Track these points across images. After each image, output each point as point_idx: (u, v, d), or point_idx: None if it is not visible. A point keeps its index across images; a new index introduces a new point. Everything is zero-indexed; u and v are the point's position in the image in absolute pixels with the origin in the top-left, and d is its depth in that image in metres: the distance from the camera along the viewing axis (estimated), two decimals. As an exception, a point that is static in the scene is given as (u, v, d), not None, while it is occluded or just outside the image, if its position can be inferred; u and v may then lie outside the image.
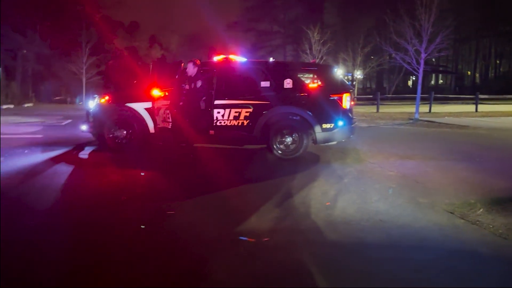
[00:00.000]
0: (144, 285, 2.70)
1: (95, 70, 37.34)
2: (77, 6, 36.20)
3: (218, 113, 7.30)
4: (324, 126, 7.14)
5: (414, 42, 16.04)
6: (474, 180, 5.73)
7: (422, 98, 17.63)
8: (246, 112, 7.26)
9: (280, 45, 55.54)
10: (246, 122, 7.27)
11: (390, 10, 19.34)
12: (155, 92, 7.60)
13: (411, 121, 15.76)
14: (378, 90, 40.28)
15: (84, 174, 6.21)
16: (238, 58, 8.09)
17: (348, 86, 8.00)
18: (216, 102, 7.30)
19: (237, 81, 7.64)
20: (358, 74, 37.25)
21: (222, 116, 7.30)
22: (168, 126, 7.53)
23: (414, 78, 49.70)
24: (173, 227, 3.79)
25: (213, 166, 6.76)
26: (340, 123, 7.16)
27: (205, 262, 3.02)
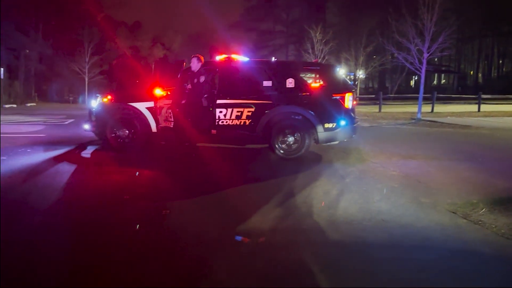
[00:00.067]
0: (144, 285, 2.70)
1: (98, 70, 37.48)
2: (79, 5, 36.28)
3: (220, 112, 7.30)
4: (326, 125, 7.13)
5: (417, 42, 16.00)
6: (476, 180, 5.71)
7: (425, 98, 17.59)
8: (248, 111, 7.26)
9: (282, 44, 55.58)
10: (248, 122, 7.27)
11: (393, 10, 19.33)
12: (157, 91, 7.61)
13: (414, 121, 15.74)
14: (380, 89, 40.18)
15: (86, 173, 6.23)
16: (240, 58, 8.09)
17: (350, 86, 7.99)
18: (218, 101, 7.30)
19: (239, 80, 7.63)
20: (361, 73, 37.24)
21: (224, 115, 7.30)
22: (170, 125, 7.54)
23: (416, 78, 49.71)
24: (174, 227, 3.80)
25: (215, 166, 6.77)
26: (342, 123, 7.15)
27: (205, 262, 3.02)
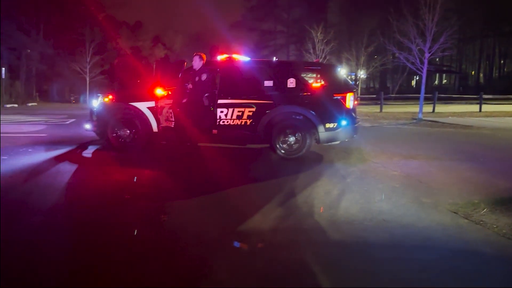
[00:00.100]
0: (144, 285, 2.69)
1: (99, 70, 37.49)
2: (80, 5, 36.33)
3: (221, 112, 7.29)
4: (327, 125, 7.13)
5: (418, 42, 15.99)
6: (478, 180, 5.71)
7: (426, 98, 17.59)
8: (249, 111, 7.25)
9: (283, 44, 55.56)
10: (249, 122, 7.27)
11: (394, 10, 19.31)
12: (158, 91, 7.62)
13: (415, 121, 15.72)
14: (381, 89, 40.18)
15: (87, 173, 6.23)
16: (241, 58, 8.09)
17: (351, 86, 7.98)
18: (219, 101, 7.30)
19: (240, 80, 7.62)
20: (362, 73, 37.16)
21: (225, 115, 7.29)
22: (171, 125, 7.54)
23: (417, 78, 49.67)
24: (174, 227, 3.79)
25: (215, 166, 6.77)
26: (343, 123, 7.15)
27: (206, 262, 3.02)
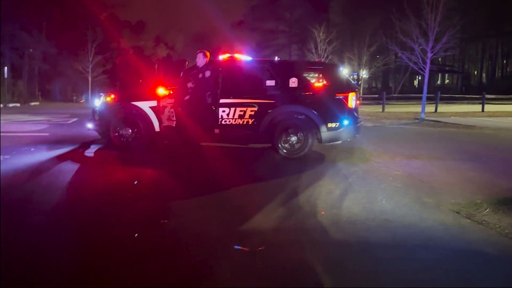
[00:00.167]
0: (144, 285, 2.68)
1: (101, 69, 37.57)
2: (83, 5, 36.37)
3: (223, 112, 7.29)
4: (329, 125, 7.12)
5: (420, 41, 15.96)
6: (480, 180, 5.69)
7: (428, 98, 17.55)
8: (251, 111, 7.25)
9: (285, 44, 55.49)
10: (251, 121, 7.27)
11: (396, 9, 19.24)
12: (160, 90, 7.62)
13: (417, 120, 15.70)
14: (383, 89, 40.12)
15: (89, 172, 6.23)
16: (243, 57, 8.09)
17: (353, 85, 7.97)
18: (221, 101, 7.30)
19: (242, 80, 7.62)
20: (364, 73, 37.13)
21: (227, 115, 7.29)
22: (172, 124, 7.54)
23: (420, 78, 49.51)
24: (176, 226, 3.78)
25: (217, 165, 6.77)
26: (345, 122, 7.14)
27: (207, 262, 3.01)
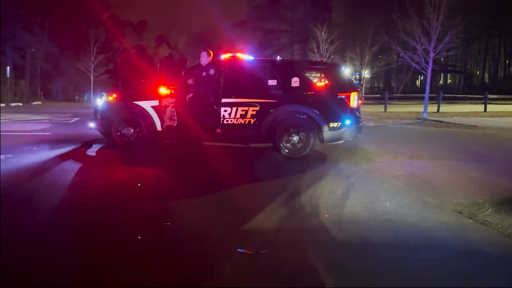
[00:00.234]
0: (144, 285, 2.68)
1: (103, 68, 37.65)
2: (85, 5, 36.44)
3: (225, 111, 7.29)
4: (331, 125, 7.12)
5: (423, 41, 15.93)
6: (482, 180, 5.67)
7: (431, 98, 17.50)
8: (253, 110, 7.25)
9: (287, 43, 55.50)
10: (253, 121, 7.26)
11: (398, 9, 19.23)
12: (162, 90, 7.62)
13: (419, 120, 15.67)
14: (386, 89, 40.04)
15: (91, 171, 6.24)
16: (245, 57, 8.08)
17: (355, 85, 7.96)
18: (223, 100, 7.30)
19: (244, 79, 7.62)
20: (366, 73, 37.14)
21: (229, 114, 7.29)
22: (174, 124, 7.54)
23: (422, 78, 49.49)
24: (177, 226, 3.77)
25: (219, 165, 6.77)
26: (347, 122, 7.13)
27: (208, 262, 3.01)
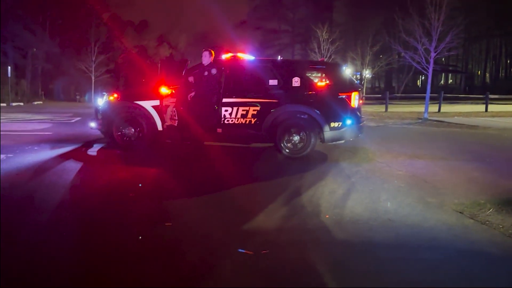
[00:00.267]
0: (144, 285, 2.68)
1: (104, 68, 37.68)
2: (86, 4, 36.48)
3: (226, 111, 7.29)
4: (332, 124, 7.11)
5: (424, 41, 15.90)
6: (484, 180, 5.67)
7: (432, 98, 17.48)
8: (254, 110, 7.24)
9: (288, 43, 55.46)
10: (253, 121, 7.26)
11: (399, 9, 19.22)
12: (163, 90, 7.62)
13: (420, 120, 15.65)
14: (387, 89, 40.00)
15: (92, 171, 6.24)
16: (246, 56, 8.08)
17: (356, 85, 7.96)
18: (224, 100, 7.30)
19: (245, 79, 7.62)
20: (367, 73, 37.10)
21: (230, 114, 7.29)
22: (175, 123, 7.54)
23: (423, 78, 49.49)
24: (177, 226, 3.77)
25: (220, 165, 6.76)
26: (348, 122, 7.12)
27: (209, 262, 3.01)
